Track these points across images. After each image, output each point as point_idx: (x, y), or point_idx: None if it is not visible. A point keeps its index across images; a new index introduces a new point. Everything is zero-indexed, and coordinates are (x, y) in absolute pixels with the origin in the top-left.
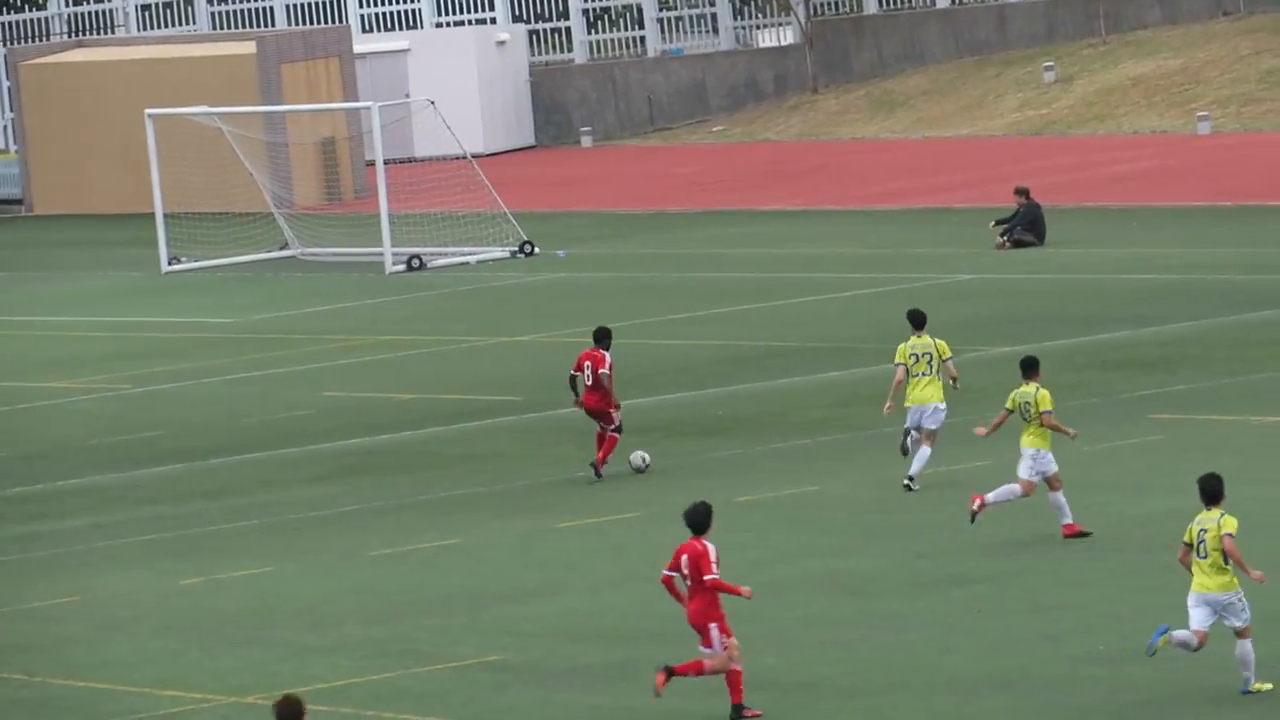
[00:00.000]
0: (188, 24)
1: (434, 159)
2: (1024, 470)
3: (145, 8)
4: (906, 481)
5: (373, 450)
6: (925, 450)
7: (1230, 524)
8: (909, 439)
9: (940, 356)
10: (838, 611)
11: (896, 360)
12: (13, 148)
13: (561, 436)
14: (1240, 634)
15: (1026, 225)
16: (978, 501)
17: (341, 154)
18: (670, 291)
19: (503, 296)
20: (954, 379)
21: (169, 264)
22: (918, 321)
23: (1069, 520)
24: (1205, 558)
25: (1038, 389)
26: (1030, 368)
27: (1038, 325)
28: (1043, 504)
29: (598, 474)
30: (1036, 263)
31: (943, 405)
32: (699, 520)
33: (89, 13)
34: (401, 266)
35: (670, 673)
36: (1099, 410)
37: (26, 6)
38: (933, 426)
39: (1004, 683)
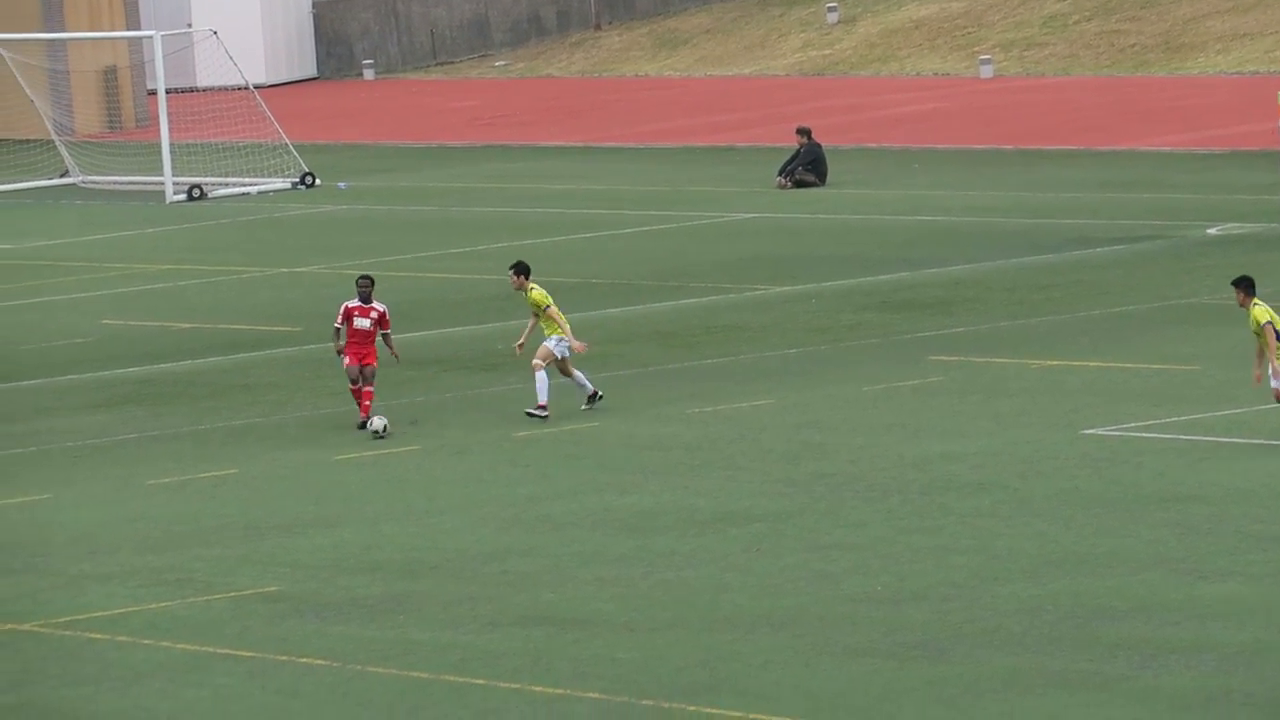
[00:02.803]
0: None
1: (216, 89)
2: None
3: None
4: None
5: (150, 379)
6: None
7: None
8: None
9: None
10: (615, 548)
11: None
12: None
13: (339, 370)
14: None
15: (808, 165)
16: None
17: (123, 82)
18: (450, 225)
19: (283, 227)
20: None
21: None
22: None
23: None
24: None
25: None
26: None
27: (817, 265)
28: (827, 444)
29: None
30: (817, 203)
31: None
32: None
33: None
34: (182, 196)
35: None
36: (877, 351)
37: None
38: None
39: (781, 621)
